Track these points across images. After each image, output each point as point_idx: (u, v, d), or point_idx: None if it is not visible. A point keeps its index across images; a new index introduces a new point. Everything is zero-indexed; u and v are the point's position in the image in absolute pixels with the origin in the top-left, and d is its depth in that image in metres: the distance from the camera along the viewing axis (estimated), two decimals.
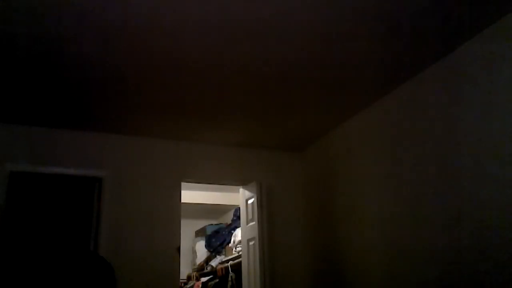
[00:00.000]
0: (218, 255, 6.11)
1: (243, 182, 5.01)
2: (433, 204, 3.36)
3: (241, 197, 5.04)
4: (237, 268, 5.23)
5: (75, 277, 1.55)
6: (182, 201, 4.71)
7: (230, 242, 5.81)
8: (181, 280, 5.75)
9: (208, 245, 6.37)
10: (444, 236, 3.23)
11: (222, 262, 5.83)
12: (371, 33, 3.09)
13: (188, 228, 6.56)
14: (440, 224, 3.28)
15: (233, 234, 5.72)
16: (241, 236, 5.00)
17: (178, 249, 4.48)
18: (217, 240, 6.22)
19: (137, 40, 3.06)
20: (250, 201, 4.86)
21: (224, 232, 6.20)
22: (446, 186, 3.27)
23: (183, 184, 4.75)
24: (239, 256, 5.19)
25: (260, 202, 4.70)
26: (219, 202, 6.58)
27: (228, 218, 6.73)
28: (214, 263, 6.02)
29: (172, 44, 3.13)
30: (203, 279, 6.05)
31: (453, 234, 3.16)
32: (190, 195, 5.92)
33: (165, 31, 2.98)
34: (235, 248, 5.52)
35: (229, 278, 5.38)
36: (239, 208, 5.30)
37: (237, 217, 5.97)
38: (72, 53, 3.19)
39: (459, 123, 3.22)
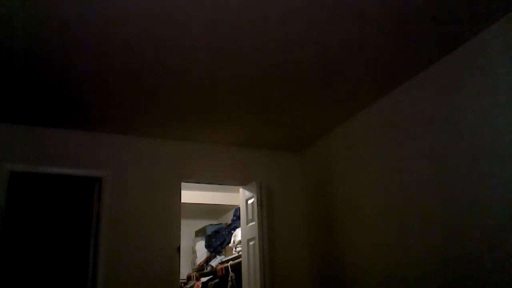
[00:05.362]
0: (218, 255, 6.11)
1: (243, 182, 5.01)
2: (433, 204, 3.37)
3: (241, 197, 5.04)
4: (237, 268, 5.23)
5: None
6: (182, 201, 4.70)
7: (230, 242, 5.81)
8: (181, 280, 5.76)
9: (208, 245, 6.37)
10: (445, 235, 3.23)
11: (222, 262, 5.83)
12: (371, 33, 3.09)
13: (188, 228, 6.57)
14: (441, 223, 3.28)
15: (233, 234, 5.71)
16: (241, 236, 5.00)
17: (178, 249, 4.48)
18: (217, 240, 6.22)
19: (136, 40, 3.06)
20: (250, 201, 4.86)
21: (224, 232, 6.20)
22: (446, 186, 3.28)
23: (183, 184, 4.74)
24: (239, 256, 5.19)
25: (260, 202, 4.70)
26: (219, 202, 6.58)
27: (228, 218, 6.73)
28: (214, 263, 6.02)
29: (172, 44, 3.13)
30: (203, 279, 6.05)
31: (453, 233, 3.16)
32: (190, 195, 5.92)
33: (164, 30, 2.98)
34: (235, 248, 5.52)
35: (229, 278, 5.38)
36: (239, 208, 5.30)
37: (237, 217, 5.97)
38: (72, 53, 3.19)
39: (458, 123, 3.22)
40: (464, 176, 3.13)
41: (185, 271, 6.55)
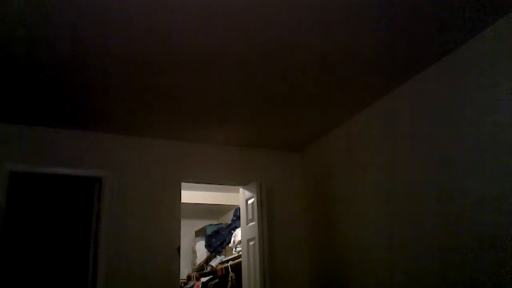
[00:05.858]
0: (218, 255, 6.11)
1: (243, 182, 5.01)
2: (433, 203, 3.37)
3: (241, 197, 5.04)
4: (237, 268, 5.23)
5: None
6: (182, 201, 4.70)
7: (230, 242, 5.81)
8: (181, 280, 5.75)
9: (208, 245, 6.37)
10: (444, 233, 3.23)
11: (222, 262, 5.83)
12: (371, 33, 3.09)
13: (188, 228, 6.57)
14: (440, 222, 3.28)
15: (233, 234, 5.72)
16: (241, 236, 5.00)
17: (178, 249, 4.48)
18: (217, 240, 6.22)
19: (136, 39, 3.06)
20: (250, 201, 4.86)
21: (224, 232, 6.20)
22: (445, 184, 3.28)
23: (183, 184, 4.75)
24: (239, 256, 5.19)
25: (260, 202, 4.70)
26: (219, 202, 6.58)
27: (228, 218, 6.73)
28: (214, 263, 6.02)
29: (171, 44, 3.13)
30: (203, 279, 6.05)
31: (452, 231, 3.17)
32: (190, 195, 5.93)
33: (164, 29, 2.98)
34: (235, 248, 5.52)
35: (229, 278, 5.38)
36: (239, 208, 5.30)
37: (237, 217, 5.97)
38: (72, 53, 3.19)
39: (458, 124, 3.22)
40: (465, 175, 3.13)
41: (185, 271, 6.56)
